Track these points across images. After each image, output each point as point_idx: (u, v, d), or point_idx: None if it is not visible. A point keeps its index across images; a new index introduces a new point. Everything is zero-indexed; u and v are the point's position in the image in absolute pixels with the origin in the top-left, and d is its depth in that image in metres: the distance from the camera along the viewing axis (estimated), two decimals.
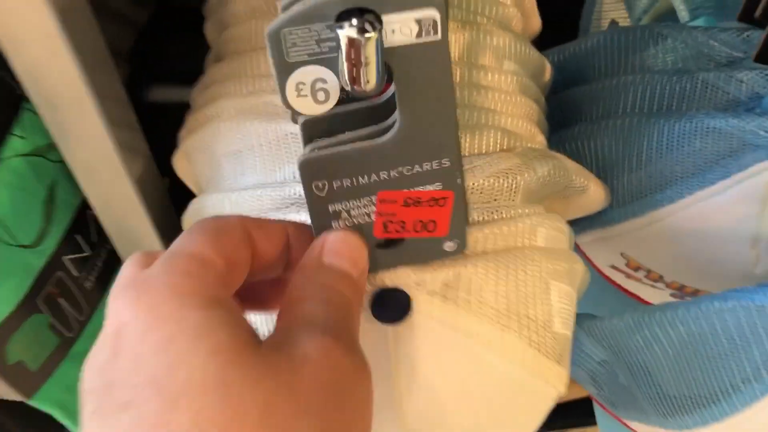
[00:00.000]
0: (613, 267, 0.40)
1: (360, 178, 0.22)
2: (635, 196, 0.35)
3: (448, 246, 0.25)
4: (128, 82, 0.45)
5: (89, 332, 0.42)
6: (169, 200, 0.39)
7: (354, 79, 0.19)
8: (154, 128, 0.36)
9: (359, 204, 0.23)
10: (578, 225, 0.38)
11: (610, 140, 0.36)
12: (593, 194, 0.33)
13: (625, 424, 0.44)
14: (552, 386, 0.28)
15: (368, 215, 0.23)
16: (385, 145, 0.22)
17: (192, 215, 0.32)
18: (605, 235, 0.37)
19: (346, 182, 0.22)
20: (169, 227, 0.38)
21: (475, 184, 0.27)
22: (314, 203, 0.23)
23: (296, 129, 0.26)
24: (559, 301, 0.28)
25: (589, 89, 0.39)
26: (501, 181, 0.28)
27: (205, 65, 0.34)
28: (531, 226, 0.28)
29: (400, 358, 0.26)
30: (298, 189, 0.27)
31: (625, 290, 0.41)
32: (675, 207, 0.34)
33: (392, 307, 0.25)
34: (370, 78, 0.19)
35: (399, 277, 0.25)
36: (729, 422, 0.34)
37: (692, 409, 0.35)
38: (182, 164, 0.34)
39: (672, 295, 0.39)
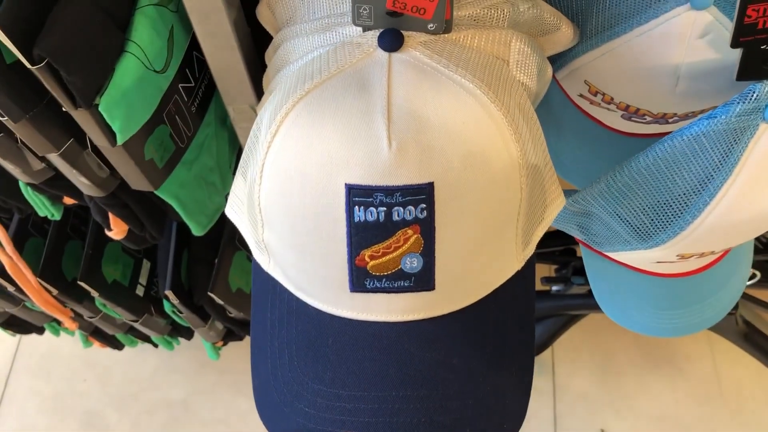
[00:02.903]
0: (581, 95, 0.51)
1: None
2: (596, 33, 0.46)
3: (431, 26, 0.36)
4: None
5: (194, 145, 0.55)
6: (252, 40, 0.50)
7: None
8: None
9: None
10: (557, 62, 0.49)
11: None
12: (565, 31, 0.44)
13: (608, 257, 0.57)
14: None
15: None
16: None
17: (272, 48, 0.44)
18: (575, 67, 0.48)
19: None
20: (252, 62, 0.49)
21: (472, 12, 0.38)
22: None
23: None
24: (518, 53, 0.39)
25: None
26: (491, 11, 0.39)
27: None
28: (507, 36, 0.38)
29: (393, 80, 0.35)
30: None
31: (589, 115, 0.52)
32: (621, 40, 0.44)
33: (390, 39, 0.36)
34: None
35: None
36: (691, 228, 0.45)
37: (664, 228, 0.47)
38: (264, 12, 0.45)
39: (622, 116, 0.50)
